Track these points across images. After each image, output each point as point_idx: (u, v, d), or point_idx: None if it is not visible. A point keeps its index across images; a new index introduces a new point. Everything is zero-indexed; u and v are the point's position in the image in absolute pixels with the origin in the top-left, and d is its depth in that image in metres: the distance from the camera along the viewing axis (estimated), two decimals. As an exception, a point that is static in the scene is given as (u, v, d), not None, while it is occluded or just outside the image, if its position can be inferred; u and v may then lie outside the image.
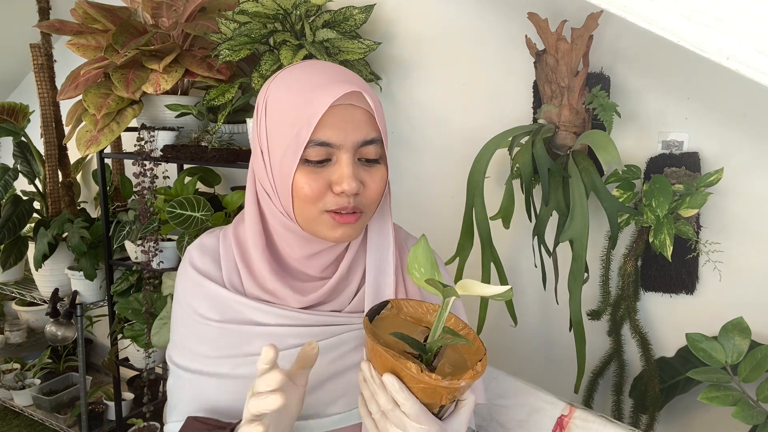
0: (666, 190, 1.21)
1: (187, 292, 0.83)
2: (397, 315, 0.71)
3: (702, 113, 1.26)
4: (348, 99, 0.72)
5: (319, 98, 0.70)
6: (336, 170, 0.72)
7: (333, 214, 0.73)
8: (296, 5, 1.49)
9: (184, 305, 0.83)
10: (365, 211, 0.76)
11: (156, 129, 1.68)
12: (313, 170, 0.72)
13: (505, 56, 1.48)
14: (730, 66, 0.81)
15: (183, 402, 0.80)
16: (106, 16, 1.69)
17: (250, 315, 0.79)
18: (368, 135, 0.73)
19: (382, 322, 0.69)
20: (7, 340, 2.55)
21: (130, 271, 1.88)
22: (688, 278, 1.31)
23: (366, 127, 0.73)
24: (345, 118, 0.71)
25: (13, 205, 2.03)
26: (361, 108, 0.73)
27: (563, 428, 1.00)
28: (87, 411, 2.06)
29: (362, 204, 0.75)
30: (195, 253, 0.85)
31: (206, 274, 0.82)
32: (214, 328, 0.79)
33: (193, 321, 0.81)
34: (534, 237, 1.33)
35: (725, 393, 1.08)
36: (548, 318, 1.52)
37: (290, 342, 0.78)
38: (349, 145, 0.71)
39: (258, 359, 0.64)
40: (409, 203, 1.70)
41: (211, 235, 0.88)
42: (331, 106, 0.70)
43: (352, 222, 0.74)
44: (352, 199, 0.73)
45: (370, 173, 0.75)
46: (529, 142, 1.27)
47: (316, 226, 0.75)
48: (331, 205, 0.73)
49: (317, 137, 0.70)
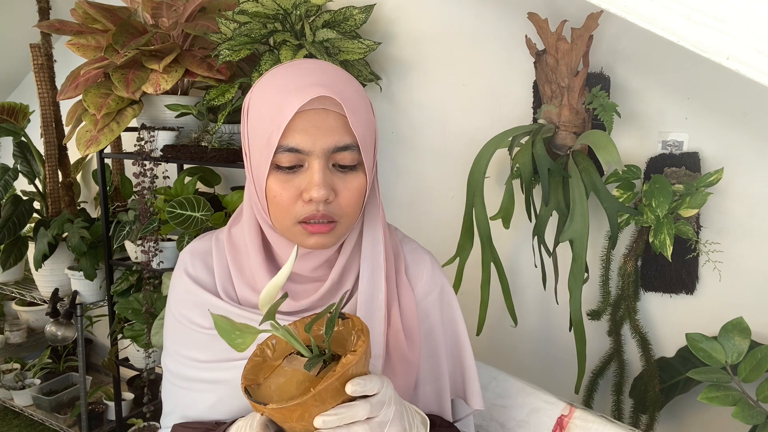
0: (666, 190, 1.21)
1: (180, 300, 0.82)
2: (263, 362, 0.64)
3: (702, 113, 1.26)
4: (321, 103, 0.69)
5: (289, 102, 0.68)
6: (306, 177, 0.70)
7: (304, 225, 0.71)
8: (296, 5, 1.49)
9: (176, 313, 0.82)
10: (339, 221, 0.73)
11: (156, 129, 1.68)
12: (285, 177, 0.70)
13: (505, 56, 1.48)
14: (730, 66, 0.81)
15: (179, 408, 0.80)
16: (106, 16, 1.69)
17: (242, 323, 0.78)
18: (340, 141, 0.70)
19: (264, 381, 0.63)
20: (7, 340, 2.55)
21: (130, 271, 1.88)
22: (688, 278, 1.31)
23: (339, 133, 0.70)
24: (316, 123, 0.69)
25: (13, 205, 2.03)
26: (334, 112, 0.70)
27: (563, 428, 1.00)
28: (87, 411, 2.06)
29: (335, 213, 0.72)
30: (187, 259, 0.84)
31: (198, 281, 0.81)
32: (207, 335, 0.79)
33: (186, 328, 0.81)
34: (534, 237, 1.33)
35: (725, 393, 1.08)
36: (548, 318, 1.52)
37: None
38: (318, 151, 0.69)
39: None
40: (409, 203, 1.70)
41: (203, 239, 0.86)
42: (303, 111, 0.68)
43: (324, 232, 0.72)
44: (321, 206, 0.70)
45: (345, 180, 0.72)
46: (529, 142, 1.27)
47: (291, 236, 0.74)
48: (301, 214, 0.71)
49: (286, 143, 0.68)
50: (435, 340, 0.83)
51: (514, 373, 1.11)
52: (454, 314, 0.87)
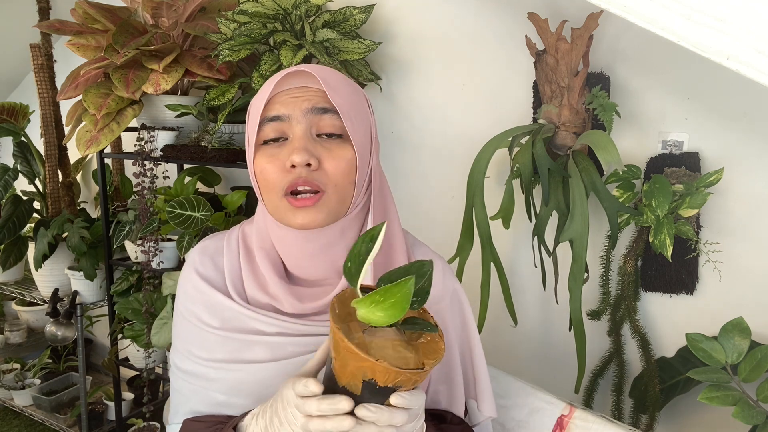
0: (666, 190, 1.21)
1: (189, 299, 0.82)
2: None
3: (702, 113, 1.26)
4: (301, 82, 0.74)
5: (272, 81, 0.75)
6: (289, 146, 0.73)
7: (290, 198, 0.72)
8: (296, 5, 1.49)
9: (184, 311, 0.83)
10: (325, 191, 0.73)
11: (156, 129, 1.68)
12: (271, 152, 0.74)
13: (505, 56, 1.48)
14: (730, 66, 0.81)
15: (189, 403, 0.80)
16: (106, 16, 1.69)
17: (251, 324, 0.78)
18: (318, 104, 0.73)
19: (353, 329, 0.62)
20: (7, 340, 2.55)
21: (130, 271, 1.88)
22: (688, 278, 1.31)
23: (317, 100, 0.74)
24: (295, 95, 0.74)
25: (13, 205, 2.03)
26: (314, 88, 0.74)
27: (563, 428, 1.00)
28: (87, 411, 2.06)
29: (320, 180, 0.72)
30: (197, 258, 0.84)
31: (208, 280, 0.81)
32: (216, 334, 0.79)
33: (195, 326, 0.81)
34: (534, 237, 1.33)
35: (725, 393, 1.08)
36: (548, 318, 1.52)
37: (290, 350, 0.77)
38: (298, 114, 0.73)
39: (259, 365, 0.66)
40: (409, 203, 1.70)
41: (215, 238, 0.87)
42: (284, 90, 0.74)
43: (309, 205, 0.72)
44: (304, 172, 0.71)
45: (329, 148, 0.73)
46: (529, 142, 1.27)
47: (281, 214, 0.74)
48: (285, 183, 0.72)
49: (268, 114, 0.74)
50: (448, 346, 0.83)
51: (514, 373, 1.11)
52: (467, 320, 0.87)
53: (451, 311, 0.85)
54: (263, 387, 0.77)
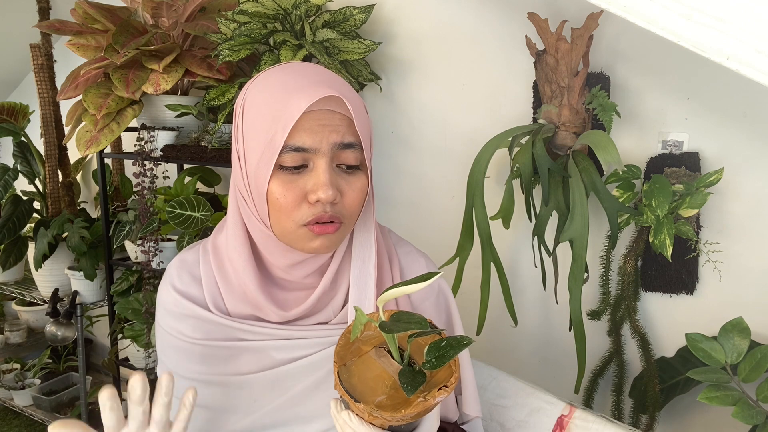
0: (666, 190, 1.21)
1: (168, 315, 0.81)
2: (352, 343, 0.66)
3: (702, 113, 1.26)
4: (326, 104, 0.68)
5: (296, 102, 0.66)
6: (312, 177, 0.68)
7: (311, 227, 0.69)
8: (296, 5, 1.49)
9: (167, 327, 0.82)
10: (345, 222, 0.71)
11: (156, 129, 1.68)
12: (288, 178, 0.68)
13: (505, 56, 1.48)
14: (730, 66, 0.81)
15: None
16: (106, 16, 1.69)
17: (233, 334, 0.78)
18: (345, 138, 0.69)
19: (352, 364, 0.64)
20: (7, 340, 2.55)
21: (130, 271, 1.88)
22: (688, 278, 1.31)
23: (344, 131, 0.69)
24: (322, 122, 0.68)
25: (13, 205, 2.03)
26: (339, 113, 0.69)
27: (563, 428, 1.00)
28: (87, 411, 2.06)
29: (341, 214, 0.70)
30: (174, 273, 0.82)
31: (186, 295, 0.80)
32: (201, 346, 0.78)
33: (179, 341, 0.80)
34: (534, 237, 1.33)
35: (725, 393, 1.08)
36: (548, 318, 1.52)
37: (275, 356, 0.77)
38: (325, 148, 0.68)
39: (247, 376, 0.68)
40: (409, 204, 1.70)
41: (191, 250, 0.85)
42: (308, 111, 0.67)
43: (331, 232, 0.70)
44: (328, 207, 0.69)
45: (349, 181, 0.71)
46: (529, 142, 1.27)
47: (293, 240, 0.71)
48: (306, 216, 0.69)
49: (292, 142, 0.67)
50: None
51: (514, 373, 1.11)
52: (453, 319, 0.86)
53: (436, 310, 0.84)
54: (251, 398, 0.77)
